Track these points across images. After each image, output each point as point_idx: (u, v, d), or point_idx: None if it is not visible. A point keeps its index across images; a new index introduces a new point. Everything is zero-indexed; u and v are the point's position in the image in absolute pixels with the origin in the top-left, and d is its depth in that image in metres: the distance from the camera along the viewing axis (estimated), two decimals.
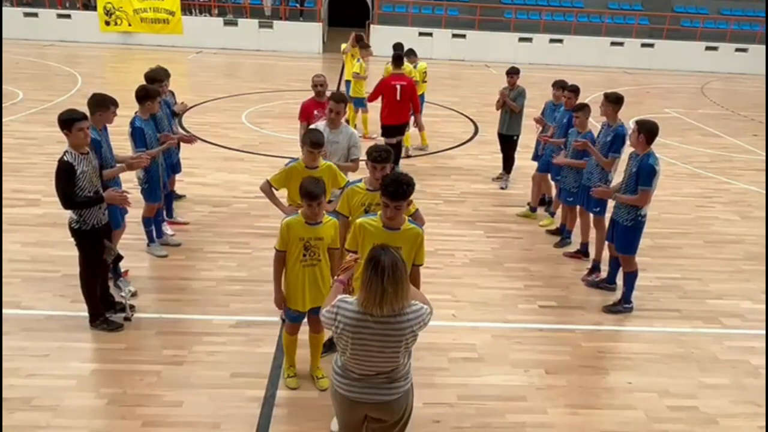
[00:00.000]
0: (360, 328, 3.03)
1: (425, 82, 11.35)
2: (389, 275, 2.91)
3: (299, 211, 4.34)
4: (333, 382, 3.31)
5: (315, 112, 7.13)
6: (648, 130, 5.59)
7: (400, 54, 9.51)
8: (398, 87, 8.94)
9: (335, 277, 3.68)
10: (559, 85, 8.01)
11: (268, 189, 5.33)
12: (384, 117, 9.15)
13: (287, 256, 4.36)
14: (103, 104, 5.48)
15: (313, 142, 5.05)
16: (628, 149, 6.07)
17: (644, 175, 5.59)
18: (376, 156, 4.41)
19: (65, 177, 4.74)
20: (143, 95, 6.20)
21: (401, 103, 9.01)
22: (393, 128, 9.16)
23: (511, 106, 8.93)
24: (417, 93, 9.37)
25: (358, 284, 3.14)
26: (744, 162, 11.84)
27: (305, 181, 4.21)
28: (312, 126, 6.00)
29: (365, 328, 3.03)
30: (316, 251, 4.34)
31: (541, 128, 8.22)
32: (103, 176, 5.17)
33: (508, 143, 9.34)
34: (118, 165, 5.59)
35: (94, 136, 5.24)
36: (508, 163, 9.51)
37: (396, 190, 3.62)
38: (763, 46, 23.93)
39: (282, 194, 5.45)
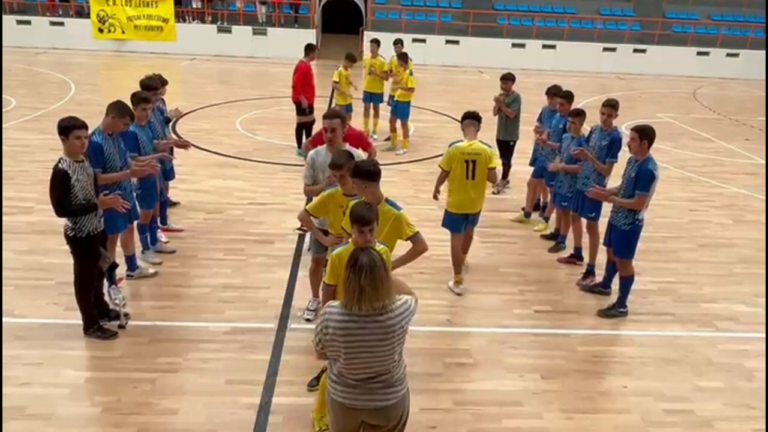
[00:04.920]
0: (348, 330, 3.06)
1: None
2: (366, 273, 2.99)
3: (348, 241, 3.82)
4: (329, 390, 3.30)
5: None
6: (649, 136, 5.64)
7: (311, 44, 10.97)
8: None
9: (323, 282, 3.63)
10: (553, 92, 8.06)
11: (306, 217, 4.83)
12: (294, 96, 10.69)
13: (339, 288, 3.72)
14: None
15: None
16: (623, 153, 6.09)
17: (643, 179, 5.61)
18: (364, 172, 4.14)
19: (60, 185, 4.73)
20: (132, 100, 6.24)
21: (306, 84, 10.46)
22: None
23: (505, 112, 8.99)
24: (312, 78, 10.69)
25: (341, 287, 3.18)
26: (736, 166, 11.92)
27: (356, 206, 3.68)
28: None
29: (353, 329, 3.06)
30: None
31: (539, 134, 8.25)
32: (105, 180, 5.35)
33: (505, 149, 9.35)
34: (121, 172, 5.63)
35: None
36: (503, 169, 9.52)
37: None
38: (754, 51, 24.15)
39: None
